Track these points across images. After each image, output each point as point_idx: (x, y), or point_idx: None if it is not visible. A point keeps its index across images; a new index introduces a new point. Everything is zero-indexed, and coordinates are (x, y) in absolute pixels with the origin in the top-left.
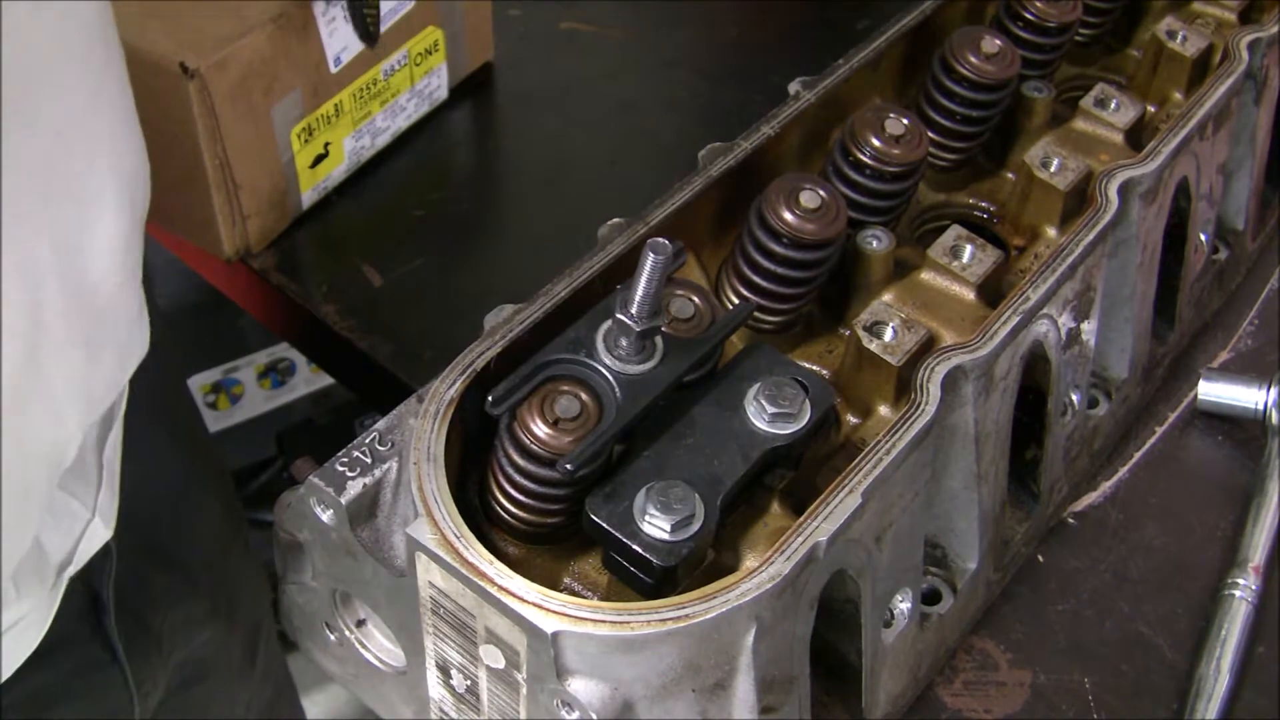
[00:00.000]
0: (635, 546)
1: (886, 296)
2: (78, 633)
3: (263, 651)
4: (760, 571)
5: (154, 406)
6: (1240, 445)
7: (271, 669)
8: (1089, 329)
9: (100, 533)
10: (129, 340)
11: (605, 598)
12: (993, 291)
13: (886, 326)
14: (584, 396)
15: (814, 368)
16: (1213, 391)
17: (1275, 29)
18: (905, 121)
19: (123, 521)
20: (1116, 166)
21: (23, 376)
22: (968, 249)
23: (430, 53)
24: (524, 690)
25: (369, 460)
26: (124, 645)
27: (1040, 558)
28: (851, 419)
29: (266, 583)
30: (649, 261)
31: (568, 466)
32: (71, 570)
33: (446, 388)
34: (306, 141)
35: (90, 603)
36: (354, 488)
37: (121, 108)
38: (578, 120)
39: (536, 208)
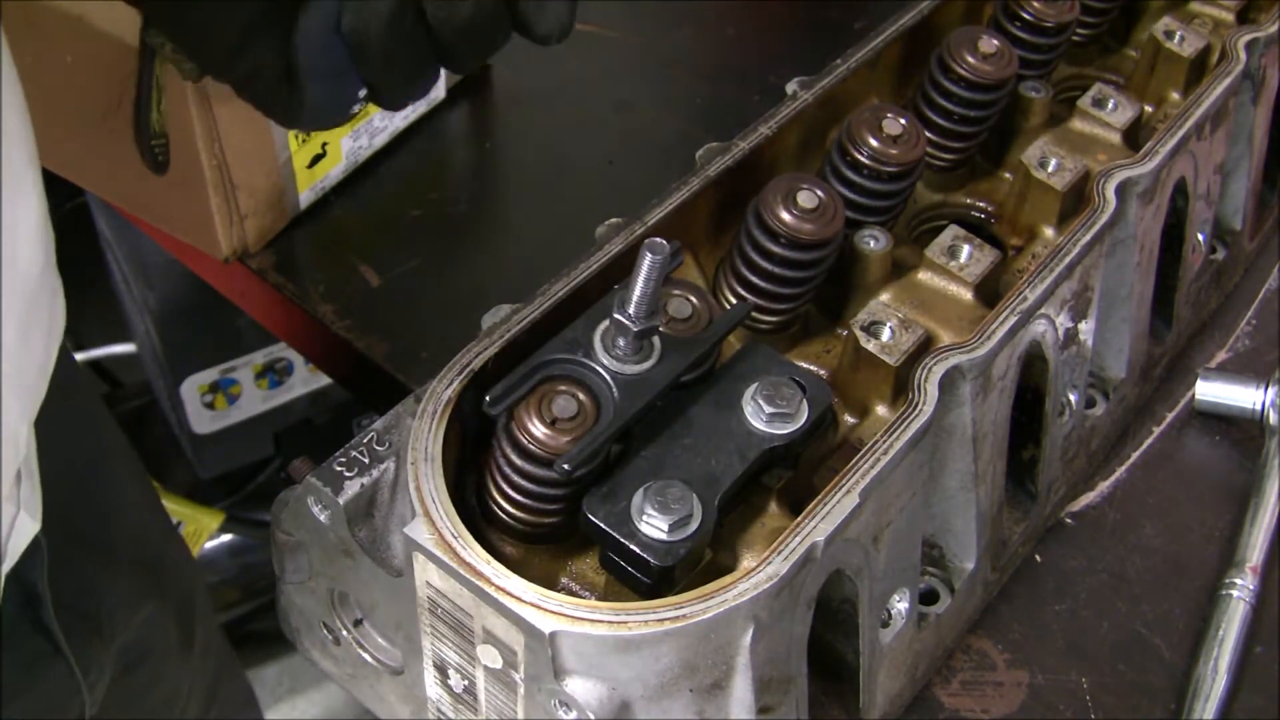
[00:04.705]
0: (633, 546)
1: (884, 296)
2: (18, 629)
3: (200, 626)
4: (758, 571)
5: (53, 388)
6: (1238, 445)
7: (211, 644)
8: (1086, 329)
9: (28, 526)
10: (52, 323)
11: (603, 598)
12: (990, 291)
13: (884, 326)
14: (581, 396)
15: (811, 368)
16: (1210, 391)
17: (1273, 29)
18: (903, 121)
19: (45, 510)
20: (1114, 166)
21: None
22: (965, 249)
23: None
24: (521, 690)
25: (366, 460)
26: (65, 636)
27: (1038, 558)
28: (849, 419)
29: (190, 553)
30: (646, 261)
31: (565, 466)
32: (6, 567)
33: (444, 388)
34: (304, 141)
35: (26, 598)
36: (351, 488)
37: (17, 93)
38: (575, 120)
39: (534, 208)
